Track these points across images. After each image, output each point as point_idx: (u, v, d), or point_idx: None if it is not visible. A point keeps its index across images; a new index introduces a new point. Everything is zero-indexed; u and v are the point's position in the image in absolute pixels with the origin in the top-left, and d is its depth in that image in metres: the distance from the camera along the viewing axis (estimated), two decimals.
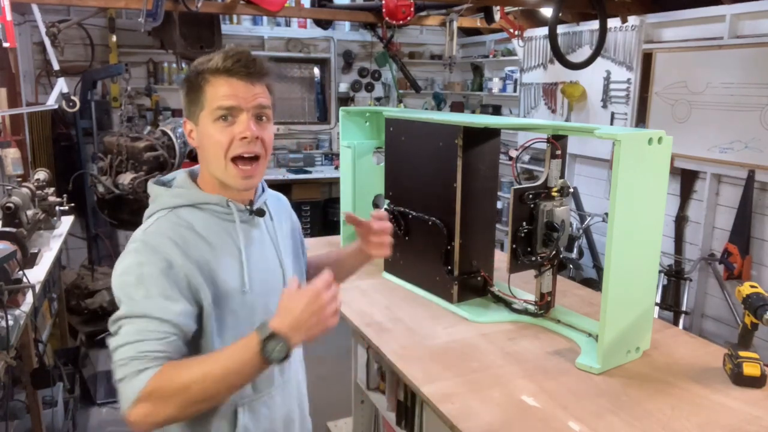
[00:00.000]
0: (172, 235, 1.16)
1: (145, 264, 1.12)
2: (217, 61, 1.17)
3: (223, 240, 1.22)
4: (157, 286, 1.10)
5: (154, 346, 1.06)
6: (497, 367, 1.62)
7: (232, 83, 1.17)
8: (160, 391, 1.03)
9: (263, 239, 1.31)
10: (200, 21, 4.65)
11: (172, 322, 1.09)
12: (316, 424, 1.56)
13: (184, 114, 1.25)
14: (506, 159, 5.59)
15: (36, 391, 2.47)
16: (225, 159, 1.18)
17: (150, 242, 1.15)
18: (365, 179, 2.53)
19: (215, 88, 1.17)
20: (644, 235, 1.62)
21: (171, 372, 1.05)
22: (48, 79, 5.14)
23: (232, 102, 1.16)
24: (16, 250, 2.30)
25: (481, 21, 5.23)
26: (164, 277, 1.12)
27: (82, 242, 5.12)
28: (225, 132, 1.17)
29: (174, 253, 1.14)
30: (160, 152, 3.96)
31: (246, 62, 1.17)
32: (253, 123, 1.18)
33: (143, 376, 1.03)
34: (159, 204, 1.23)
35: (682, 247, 4.29)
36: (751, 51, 3.62)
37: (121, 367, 1.05)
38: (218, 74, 1.17)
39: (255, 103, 1.18)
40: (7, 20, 3.13)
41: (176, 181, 1.28)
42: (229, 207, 1.24)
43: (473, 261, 2.07)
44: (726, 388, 1.52)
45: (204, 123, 1.19)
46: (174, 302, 1.11)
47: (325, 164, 6.54)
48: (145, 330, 1.07)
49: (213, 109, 1.17)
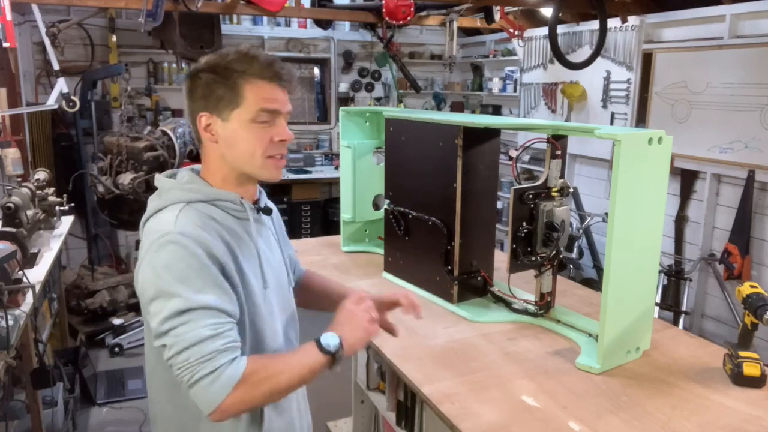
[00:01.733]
0: (203, 226, 1.16)
1: (189, 256, 1.11)
2: (262, 65, 1.21)
3: (242, 236, 1.24)
4: (209, 277, 1.12)
5: (233, 336, 1.12)
6: (497, 367, 1.62)
7: (274, 88, 1.22)
8: (256, 376, 1.10)
9: (269, 237, 1.36)
10: (200, 21, 4.65)
11: (229, 312, 1.13)
12: (316, 424, 1.56)
13: (201, 107, 1.22)
14: (506, 159, 5.59)
15: (36, 391, 2.47)
16: (262, 157, 1.22)
17: (187, 232, 1.13)
18: (365, 179, 2.53)
19: (260, 90, 1.20)
20: (644, 235, 1.62)
21: (261, 361, 1.14)
22: (48, 79, 5.14)
23: (276, 106, 1.22)
24: (16, 250, 2.30)
25: (481, 21, 5.23)
26: (212, 266, 1.13)
27: (82, 242, 5.12)
28: (265, 132, 1.21)
29: (211, 242, 1.15)
30: (160, 152, 3.96)
31: (287, 72, 1.25)
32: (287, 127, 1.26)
33: (239, 363, 1.09)
34: (170, 198, 1.22)
35: (682, 247, 4.29)
36: (751, 51, 3.62)
37: (207, 362, 1.07)
38: (263, 78, 1.21)
39: (288, 108, 1.26)
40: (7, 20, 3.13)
41: (182, 178, 1.27)
42: (243, 205, 1.26)
43: (473, 261, 2.07)
44: (726, 388, 1.52)
45: (239, 121, 1.21)
46: (226, 292, 1.14)
47: (325, 164, 6.54)
48: (217, 323, 1.10)
49: (256, 110, 1.20)
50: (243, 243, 1.23)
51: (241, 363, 1.09)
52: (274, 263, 1.34)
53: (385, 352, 1.71)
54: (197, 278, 1.10)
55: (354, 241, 2.63)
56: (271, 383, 1.12)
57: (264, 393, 1.11)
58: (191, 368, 1.07)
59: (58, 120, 5.11)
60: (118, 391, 3.63)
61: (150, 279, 1.12)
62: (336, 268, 2.40)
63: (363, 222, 2.62)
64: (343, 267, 2.42)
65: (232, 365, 1.08)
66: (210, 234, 1.16)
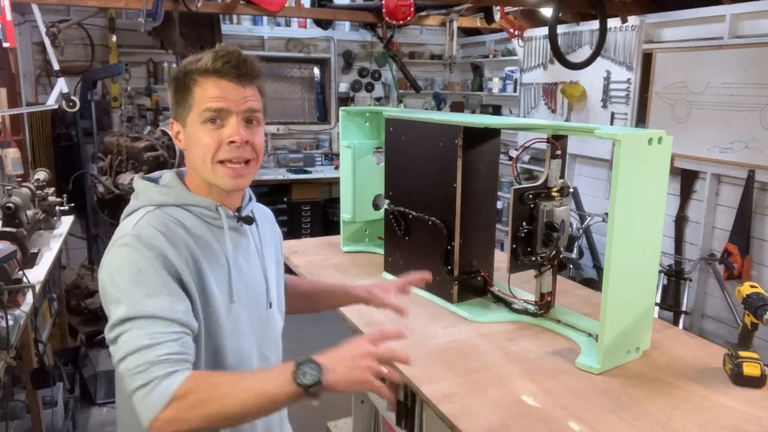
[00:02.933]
0: (163, 230, 1.11)
1: (141, 260, 1.05)
2: (207, 61, 1.13)
3: (211, 245, 1.17)
4: (159, 283, 1.05)
5: (173, 348, 1.00)
6: (497, 367, 1.62)
7: (221, 85, 1.12)
8: (193, 397, 0.96)
9: (249, 248, 1.27)
10: (200, 21, 4.65)
11: (180, 321, 1.04)
12: (317, 424, 1.56)
13: (171, 115, 1.21)
14: (506, 159, 5.59)
15: (36, 391, 2.47)
16: (212, 162, 1.14)
17: (143, 236, 1.08)
18: (365, 179, 2.53)
19: (204, 89, 1.13)
20: (644, 235, 1.62)
21: (205, 380, 1.00)
22: (48, 79, 5.14)
23: (221, 104, 1.12)
24: (16, 250, 2.30)
25: (481, 21, 5.23)
26: (165, 271, 1.06)
27: (82, 242, 5.12)
28: (213, 135, 1.13)
29: (167, 248, 1.09)
30: (160, 152, 3.96)
31: (236, 63, 1.13)
32: (242, 127, 1.14)
33: (175, 378, 0.97)
34: (144, 199, 1.19)
35: (682, 247, 4.29)
36: (751, 51, 3.62)
37: (140, 374, 0.97)
38: (207, 75, 1.13)
39: (245, 106, 1.14)
40: (7, 20, 3.13)
41: (163, 180, 1.23)
42: (218, 212, 1.20)
43: (473, 261, 2.07)
44: (726, 388, 1.52)
45: (191, 125, 1.15)
46: (178, 299, 1.06)
47: (325, 164, 6.54)
48: (158, 333, 1.00)
49: (201, 110, 1.12)
50: (211, 252, 1.16)
51: (177, 379, 0.97)
52: (249, 277, 1.24)
53: None
54: (146, 284, 1.04)
55: (354, 241, 2.63)
56: (212, 407, 0.96)
57: (203, 417, 0.96)
58: (129, 378, 0.99)
59: (58, 120, 5.11)
60: None
61: (104, 281, 1.07)
62: (336, 268, 2.40)
63: (363, 222, 2.62)
64: (343, 267, 2.42)
65: (167, 379, 0.96)
66: (170, 239, 1.10)
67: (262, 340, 1.27)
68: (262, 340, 1.28)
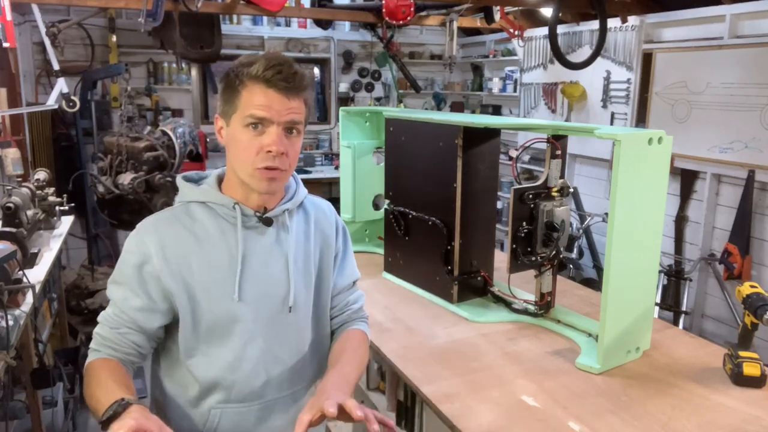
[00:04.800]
0: (162, 230, 1.21)
1: (128, 252, 1.21)
2: (258, 68, 1.15)
3: (217, 244, 1.21)
4: (127, 276, 1.20)
5: (105, 332, 1.20)
6: (497, 367, 1.62)
7: (268, 94, 1.15)
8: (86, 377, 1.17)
9: (271, 249, 1.26)
10: (200, 21, 4.64)
11: (128, 315, 1.19)
12: None
13: (218, 110, 1.24)
14: (506, 159, 5.59)
15: (36, 391, 2.47)
16: (252, 166, 1.18)
17: (141, 231, 1.22)
18: (365, 179, 2.53)
19: (251, 94, 1.15)
20: (644, 235, 1.62)
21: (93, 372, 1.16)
22: (48, 79, 5.13)
23: (265, 113, 1.15)
24: (16, 250, 2.30)
25: (481, 21, 5.23)
26: (136, 271, 1.19)
27: (82, 242, 5.12)
28: (254, 140, 1.16)
29: (153, 249, 1.19)
30: (160, 152, 3.96)
31: (286, 75, 1.15)
32: (282, 137, 1.17)
33: (91, 356, 1.20)
34: (179, 197, 1.28)
35: (682, 247, 4.29)
36: (751, 51, 3.62)
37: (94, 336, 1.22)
38: (256, 81, 1.15)
39: (287, 118, 1.17)
40: (7, 20, 3.13)
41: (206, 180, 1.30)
42: (234, 210, 1.23)
43: (473, 261, 2.07)
44: (726, 388, 1.52)
45: (234, 125, 1.19)
46: (135, 297, 1.19)
47: (325, 164, 6.54)
48: (108, 315, 1.21)
49: (245, 115, 1.16)
50: (215, 251, 1.21)
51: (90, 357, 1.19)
52: (262, 277, 1.24)
53: (385, 352, 1.71)
54: (120, 273, 1.21)
55: (354, 241, 2.61)
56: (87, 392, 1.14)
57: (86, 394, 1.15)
58: None
59: (58, 120, 5.11)
60: None
61: None
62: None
63: (363, 222, 2.62)
64: None
65: (90, 354, 1.20)
66: (162, 238, 1.20)
67: (275, 341, 1.27)
68: (276, 341, 1.27)
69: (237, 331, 1.22)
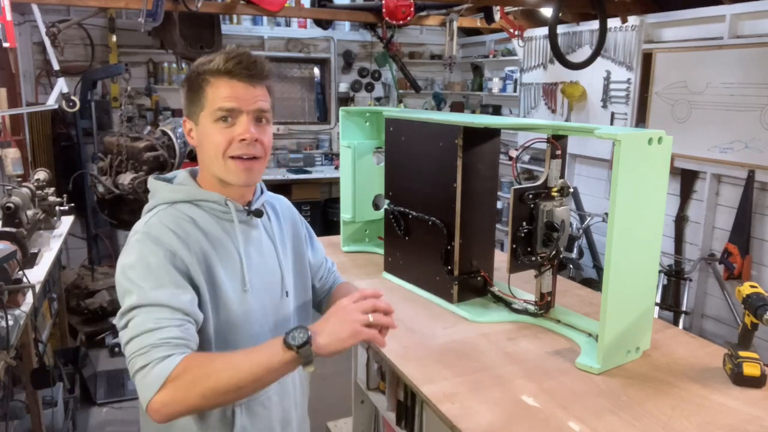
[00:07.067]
0: (173, 227, 1.18)
1: (150, 255, 1.13)
2: (219, 62, 1.18)
3: (221, 239, 1.23)
4: (166, 276, 1.11)
5: (174, 333, 1.06)
6: (497, 367, 1.62)
7: (233, 85, 1.18)
8: (188, 376, 1.00)
9: (262, 240, 1.32)
10: (200, 21, 4.65)
11: (185, 310, 1.10)
12: (316, 424, 1.56)
13: (184, 113, 1.27)
14: (506, 159, 5.59)
15: (36, 391, 2.47)
16: (224, 158, 1.19)
17: (152, 233, 1.16)
18: (365, 179, 2.53)
19: (216, 89, 1.18)
20: (644, 235, 1.62)
21: (199, 359, 1.04)
22: (48, 79, 5.14)
23: (233, 104, 1.17)
24: (16, 250, 2.30)
25: (481, 21, 5.23)
26: (171, 266, 1.13)
27: (82, 242, 5.12)
28: (224, 133, 1.19)
29: (176, 243, 1.15)
30: (160, 152, 3.96)
31: (247, 64, 1.18)
32: (252, 125, 1.20)
33: (170, 361, 1.02)
34: (158, 199, 1.25)
35: (682, 247, 4.29)
36: (751, 51, 3.62)
37: (141, 356, 1.03)
38: (219, 75, 1.18)
39: (255, 105, 1.20)
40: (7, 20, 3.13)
41: (177, 179, 1.30)
42: (228, 206, 1.25)
43: (473, 261, 2.07)
44: (726, 388, 1.52)
45: (204, 123, 1.21)
46: (184, 291, 1.12)
47: (325, 164, 6.54)
48: (162, 318, 1.06)
49: (213, 110, 1.18)
50: (221, 246, 1.22)
51: (173, 362, 1.01)
52: (262, 267, 1.29)
53: (385, 352, 1.71)
54: (154, 277, 1.10)
55: (354, 241, 2.63)
56: (208, 383, 1.00)
57: (199, 394, 1.00)
58: (131, 361, 1.04)
59: (58, 120, 5.12)
60: (118, 391, 3.63)
61: (118, 275, 1.14)
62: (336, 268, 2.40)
63: (363, 222, 2.62)
64: (343, 267, 2.41)
65: (164, 362, 1.01)
66: (178, 235, 1.16)
67: (276, 327, 1.31)
68: (277, 327, 1.32)
69: (250, 321, 1.25)
